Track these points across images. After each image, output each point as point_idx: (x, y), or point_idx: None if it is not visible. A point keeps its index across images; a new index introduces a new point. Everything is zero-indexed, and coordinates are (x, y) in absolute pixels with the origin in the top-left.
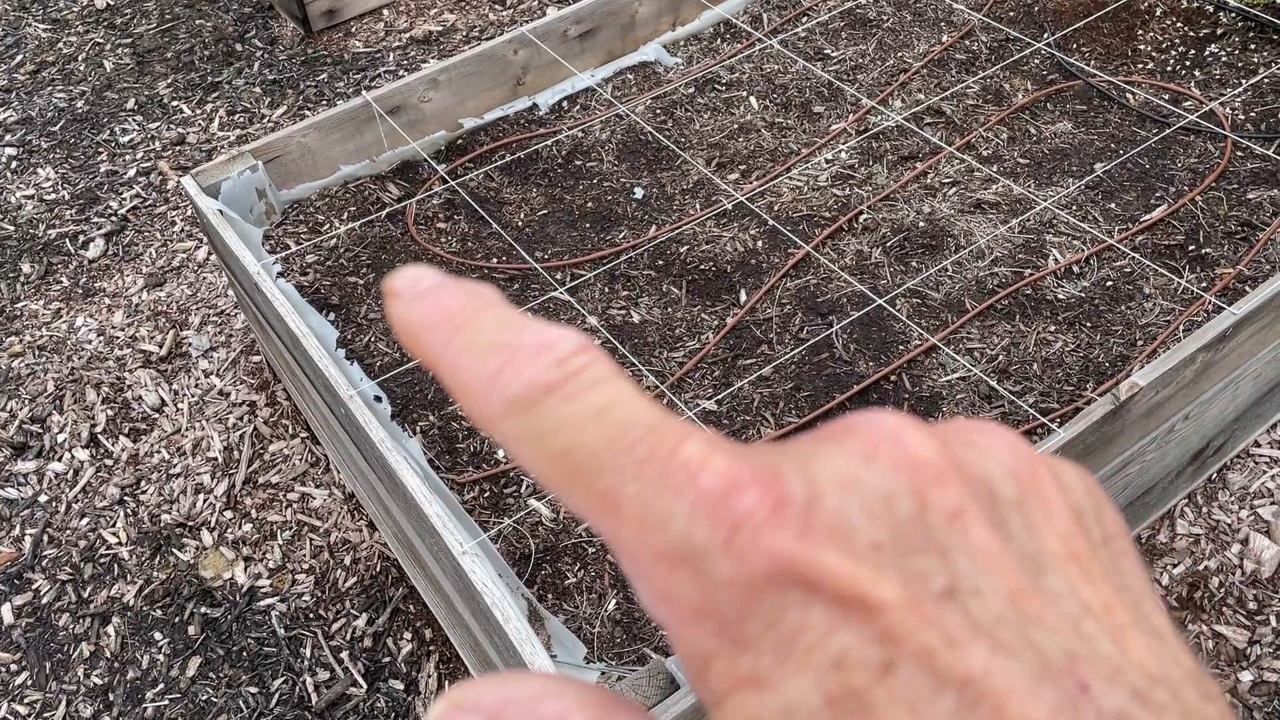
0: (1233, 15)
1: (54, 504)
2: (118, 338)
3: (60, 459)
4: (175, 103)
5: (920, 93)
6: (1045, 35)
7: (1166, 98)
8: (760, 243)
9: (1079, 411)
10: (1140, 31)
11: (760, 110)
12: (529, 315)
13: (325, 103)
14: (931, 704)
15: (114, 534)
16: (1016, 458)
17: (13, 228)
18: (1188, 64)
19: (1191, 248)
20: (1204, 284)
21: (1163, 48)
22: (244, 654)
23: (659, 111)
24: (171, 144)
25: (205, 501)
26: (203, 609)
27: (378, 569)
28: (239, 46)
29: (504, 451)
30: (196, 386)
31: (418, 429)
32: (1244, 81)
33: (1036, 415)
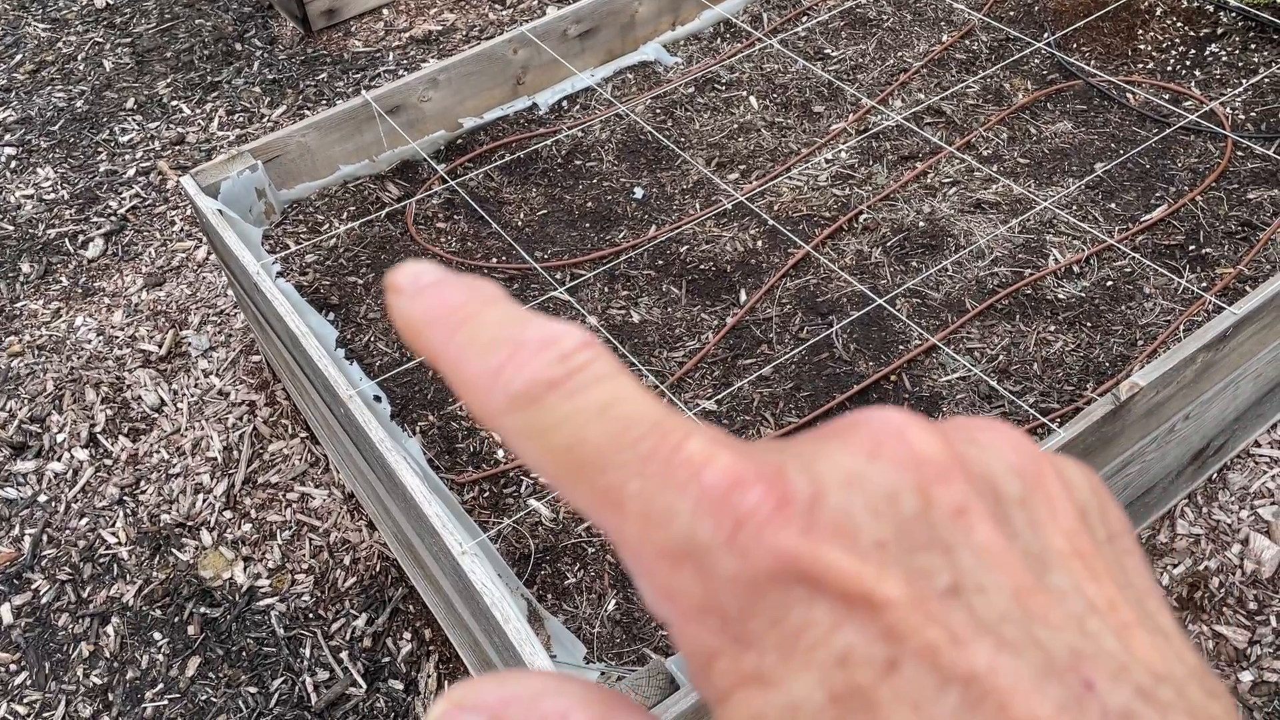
0: (1233, 15)
1: (53, 504)
2: (117, 337)
3: (59, 459)
4: (175, 102)
5: (920, 92)
6: (1045, 35)
7: (1167, 97)
8: (760, 242)
9: (1079, 411)
10: (1140, 31)
11: (760, 110)
12: (531, 311)
13: (325, 102)
14: (936, 701)
15: (113, 534)
16: (1020, 455)
17: (12, 227)
18: (1188, 64)
19: (1192, 248)
20: (1204, 284)
21: (1163, 47)
22: (243, 654)
23: (659, 111)
24: (171, 144)
25: (205, 501)
26: (202, 609)
27: (377, 569)
28: (239, 46)
29: (506, 447)
30: (196, 386)
31: (417, 429)
32: (1244, 81)
33: (1037, 415)
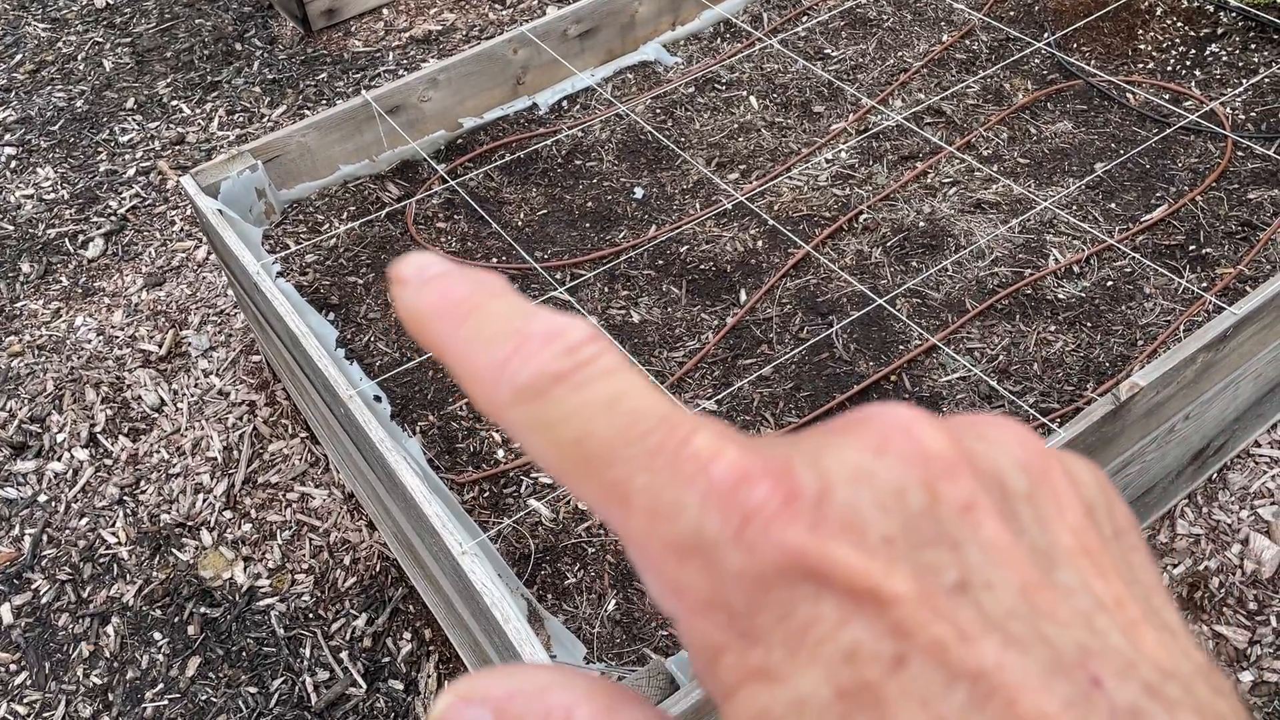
0: (1233, 15)
1: (53, 504)
2: (117, 337)
3: (59, 459)
4: (175, 102)
5: (920, 92)
6: (1045, 35)
7: (1167, 97)
8: (760, 242)
9: (1079, 411)
10: (1140, 31)
11: (760, 110)
12: (537, 303)
13: (325, 102)
14: (943, 698)
15: (113, 534)
16: (1027, 451)
17: (12, 227)
18: (1188, 64)
19: (1192, 248)
20: (1204, 284)
21: (1163, 47)
22: (243, 654)
23: (659, 111)
24: (171, 143)
25: (205, 501)
26: (202, 609)
27: (377, 569)
28: (238, 46)
29: (509, 445)
30: (196, 386)
31: (417, 429)
32: (1244, 81)
33: (1037, 415)
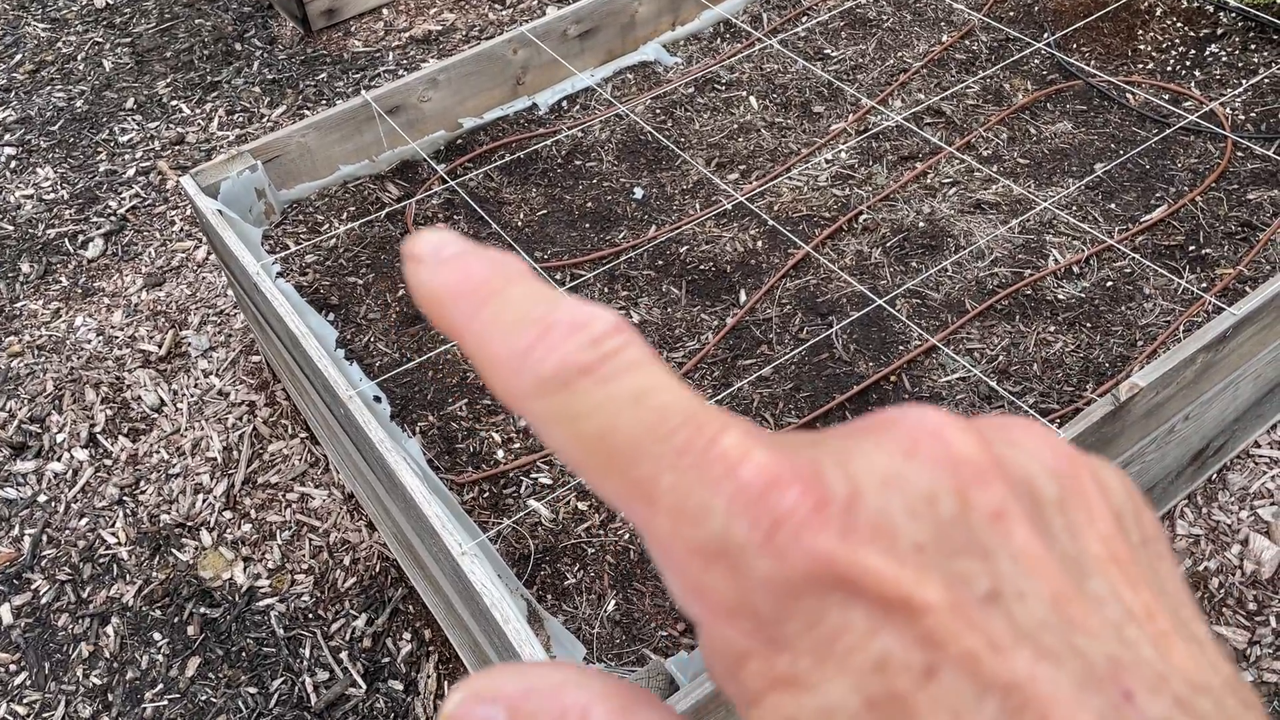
0: (1233, 15)
1: (53, 504)
2: (117, 337)
3: (59, 459)
4: (174, 102)
5: (920, 93)
6: (1045, 35)
7: (1166, 98)
8: (760, 243)
9: (1079, 412)
10: (1140, 31)
11: (760, 110)
12: (559, 290)
13: (325, 102)
14: (975, 710)
15: (113, 534)
16: (1058, 457)
17: (12, 227)
18: (1188, 64)
19: (1192, 248)
20: (1204, 284)
21: (1163, 48)
22: (243, 654)
23: (659, 111)
24: (171, 143)
25: (204, 501)
26: (202, 609)
27: (377, 569)
28: (238, 46)
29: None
30: (196, 386)
31: (417, 429)
32: (1244, 82)
33: (1036, 416)
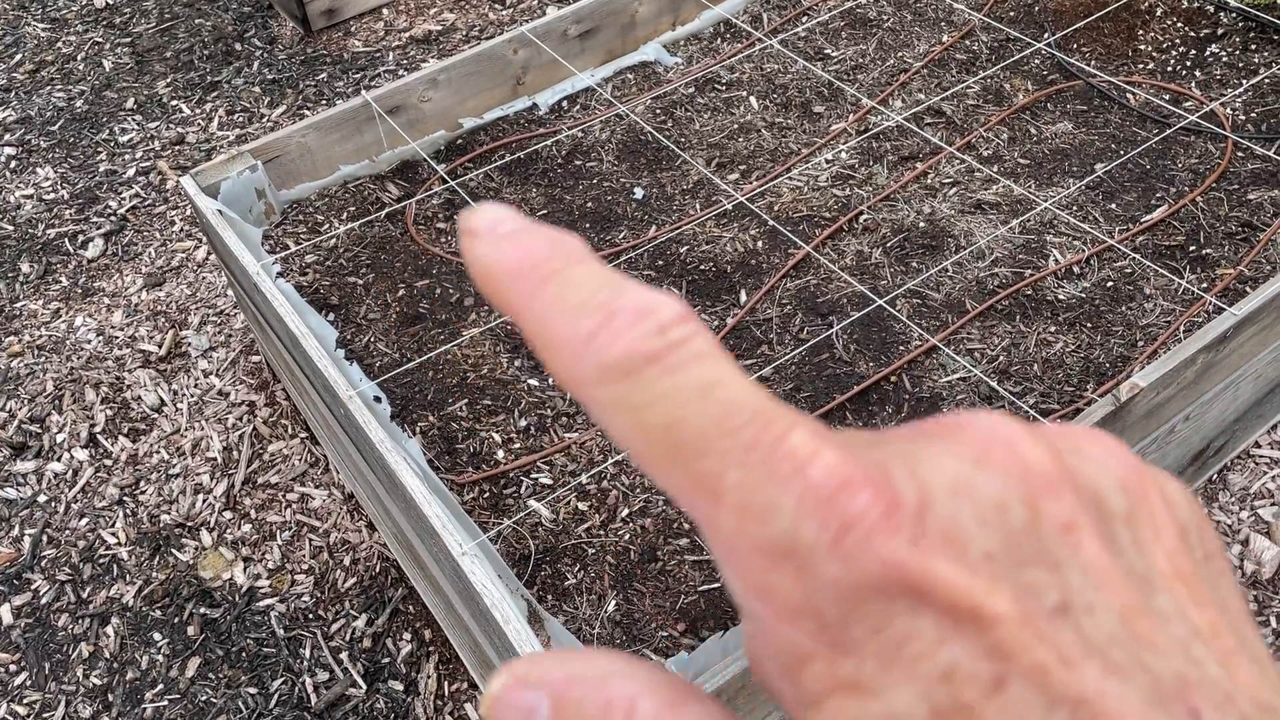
0: (1233, 15)
1: (53, 504)
2: (117, 337)
3: (59, 459)
4: (174, 102)
5: (920, 93)
6: (1045, 35)
7: (1167, 98)
8: (760, 243)
9: (1079, 412)
10: (1141, 31)
11: (760, 110)
12: (623, 274)
13: (325, 102)
14: None
15: (113, 534)
16: (1126, 469)
17: (12, 227)
18: (1188, 64)
19: (1192, 248)
20: (1204, 284)
21: (1163, 48)
22: (243, 654)
23: (659, 111)
24: (171, 143)
25: (204, 502)
26: (202, 609)
27: (377, 570)
28: (238, 46)
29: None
30: (196, 386)
31: (417, 429)
32: (1244, 82)
33: (1037, 416)
